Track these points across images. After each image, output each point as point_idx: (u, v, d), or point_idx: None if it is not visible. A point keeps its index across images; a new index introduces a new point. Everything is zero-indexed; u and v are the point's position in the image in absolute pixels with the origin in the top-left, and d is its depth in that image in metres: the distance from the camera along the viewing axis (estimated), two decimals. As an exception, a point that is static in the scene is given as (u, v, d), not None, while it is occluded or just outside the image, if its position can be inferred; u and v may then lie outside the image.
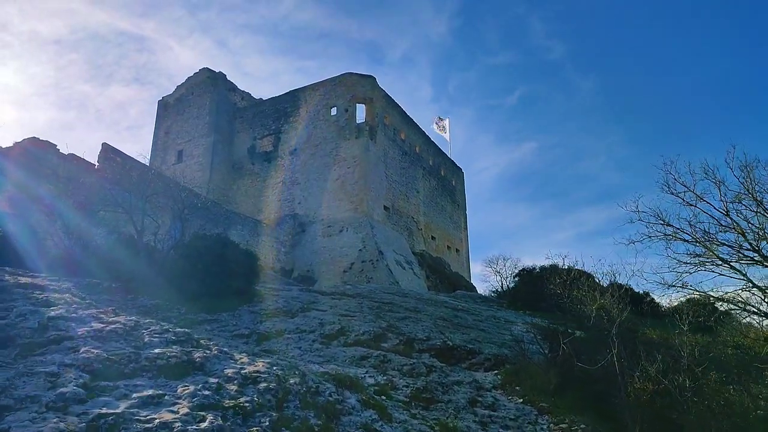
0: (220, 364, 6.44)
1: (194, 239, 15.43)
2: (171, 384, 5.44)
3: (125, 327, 6.76)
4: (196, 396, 5.12)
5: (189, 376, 5.86)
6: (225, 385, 5.74)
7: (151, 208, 16.39)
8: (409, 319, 16.98)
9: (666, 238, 13.09)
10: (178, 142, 43.16)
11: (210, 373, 6.11)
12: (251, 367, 6.59)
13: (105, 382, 5.10)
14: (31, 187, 20.50)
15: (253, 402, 5.47)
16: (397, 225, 40.52)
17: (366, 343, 12.85)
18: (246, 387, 5.87)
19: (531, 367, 11.16)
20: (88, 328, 6.30)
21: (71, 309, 6.94)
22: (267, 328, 12.97)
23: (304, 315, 14.65)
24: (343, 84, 39.97)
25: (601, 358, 9.18)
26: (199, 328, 12.25)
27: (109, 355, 5.65)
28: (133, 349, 6.03)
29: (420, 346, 13.66)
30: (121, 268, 14.85)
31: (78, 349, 5.62)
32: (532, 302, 26.74)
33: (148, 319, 8.02)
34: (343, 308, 16.60)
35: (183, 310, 13.34)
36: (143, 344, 6.37)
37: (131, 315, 10.53)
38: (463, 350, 13.93)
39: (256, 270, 16.63)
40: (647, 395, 8.67)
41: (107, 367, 5.43)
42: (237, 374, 6.11)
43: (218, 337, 11.37)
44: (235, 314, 14.16)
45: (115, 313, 8.83)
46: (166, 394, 5.06)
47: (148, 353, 5.99)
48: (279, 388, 6.10)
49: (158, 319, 12.09)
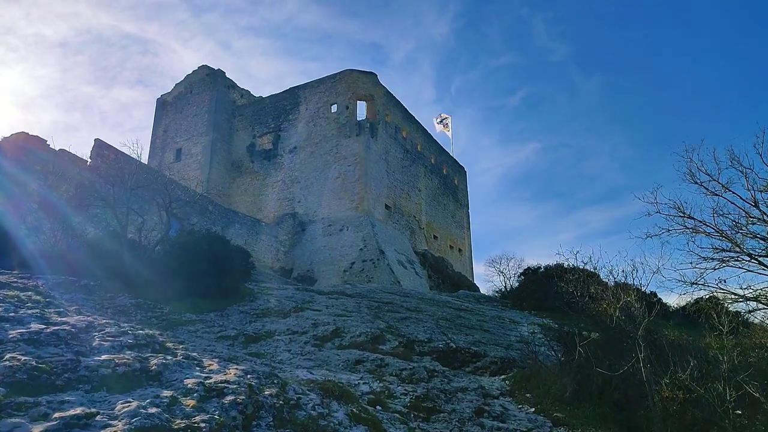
0: (182, 373, 5.37)
1: (181, 235, 14.39)
2: (111, 399, 4.37)
3: (73, 329, 5.70)
4: (137, 415, 4.05)
5: (139, 389, 4.79)
6: (181, 399, 4.66)
7: (137, 202, 15.33)
8: (410, 319, 15.89)
9: (687, 231, 11.97)
10: (177, 140, 42.17)
11: (167, 384, 5.04)
12: (219, 375, 5.52)
13: (24, 398, 4.03)
14: (20, 181, 19.56)
15: (213, 421, 4.39)
16: (398, 224, 39.42)
17: (362, 345, 11.76)
18: (208, 401, 4.79)
19: (542, 372, 10.05)
20: (24, 330, 5.23)
21: (11, 308, 5.88)
22: (256, 329, 11.89)
23: (297, 315, 13.58)
24: (343, 81, 38.92)
25: (625, 363, 8.06)
26: (182, 329, 11.20)
27: (39, 363, 4.58)
28: (74, 356, 4.96)
29: (421, 348, 12.57)
30: (104, 264, 13.82)
31: (1, 356, 4.56)
32: (537, 302, 25.61)
33: (105, 320, 6.94)
34: (340, 308, 15.53)
35: (166, 310, 12.29)
36: (89, 349, 5.30)
37: (104, 316, 9.49)
38: (467, 353, 12.83)
39: (249, 268, 15.57)
40: (677, 405, 7.55)
41: (34, 379, 4.36)
42: (199, 385, 5.03)
43: (200, 339, 10.32)
44: (224, 314, 13.10)
45: (79, 312, 7.79)
46: (99, 413, 3.99)
47: (90, 360, 4.93)
48: (249, 401, 5.02)
49: (138, 320, 11.07)
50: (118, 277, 13.39)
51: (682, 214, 11.96)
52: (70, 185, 22.10)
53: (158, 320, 11.43)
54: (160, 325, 11.10)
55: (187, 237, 14.11)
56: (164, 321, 11.46)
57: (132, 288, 12.98)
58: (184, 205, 30.36)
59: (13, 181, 19.41)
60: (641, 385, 8.08)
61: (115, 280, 13.26)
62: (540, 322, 21.06)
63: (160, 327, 11.06)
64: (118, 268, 13.65)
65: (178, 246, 13.57)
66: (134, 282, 13.23)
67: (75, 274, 13.25)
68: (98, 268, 13.75)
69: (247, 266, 15.36)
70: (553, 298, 25.80)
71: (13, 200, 17.95)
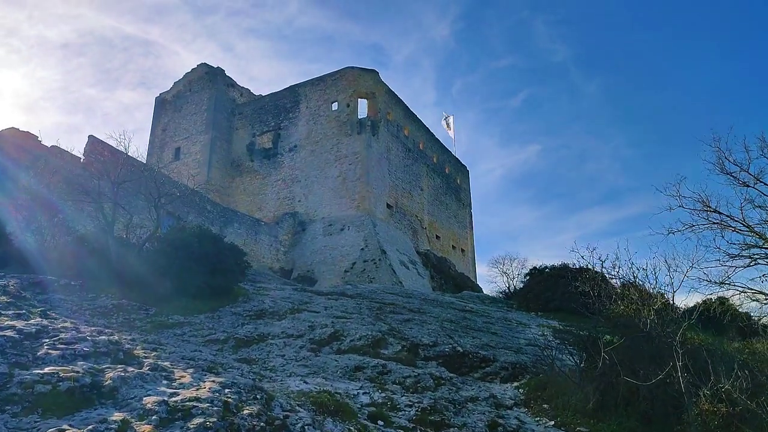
0: (143, 389, 4.43)
1: (171, 231, 13.46)
2: (41, 427, 3.43)
3: (18, 335, 4.77)
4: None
5: (84, 410, 3.85)
6: (134, 424, 3.72)
7: (126, 197, 14.42)
8: (413, 321, 14.95)
9: (713, 227, 11.01)
10: (176, 139, 41.25)
11: (122, 403, 4.10)
12: (190, 391, 4.58)
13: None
14: (10, 176, 18.71)
15: (170, 454, 3.45)
16: (400, 224, 38.45)
17: (363, 349, 10.81)
18: (169, 426, 3.85)
19: (560, 380, 9.08)
20: (-48, 337, 4.31)
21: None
22: (248, 333, 10.94)
23: (293, 317, 12.64)
24: (344, 78, 37.99)
25: (656, 371, 7.10)
26: (168, 332, 10.26)
27: (-43, 379, 3.66)
28: (8, 368, 4.03)
29: (426, 352, 11.61)
30: (88, 263, 12.91)
31: None
32: (543, 303, 24.64)
33: (66, 323, 6.00)
34: (340, 309, 14.59)
35: (152, 311, 11.36)
36: (32, 360, 4.37)
37: (77, 319, 8.57)
38: (475, 357, 11.86)
39: (243, 267, 14.64)
40: (719, 420, 6.59)
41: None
42: (161, 404, 4.09)
43: (186, 344, 9.38)
44: (215, 316, 12.17)
45: (45, 315, 6.86)
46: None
47: (27, 375, 3.99)
48: (222, 425, 4.08)
49: (119, 323, 10.12)
50: (103, 276, 12.49)
51: (707, 209, 11.01)
52: (60, 180, 21.24)
53: (142, 323, 10.51)
54: (143, 328, 10.19)
55: (177, 233, 13.18)
56: (148, 323, 10.53)
57: (118, 288, 12.06)
58: (181, 203, 29.53)
59: (3, 175, 18.56)
60: (675, 396, 7.12)
61: (100, 280, 12.36)
62: (548, 324, 20.09)
63: (143, 330, 10.15)
64: (104, 267, 12.75)
65: (167, 243, 12.65)
66: (120, 281, 12.32)
67: (58, 272, 12.36)
68: (83, 267, 12.85)
69: (241, 265, 14.42)
70: (560, 299, 24.85)
71: (2, 195, 17.10)
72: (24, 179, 19.23)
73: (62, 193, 20.49)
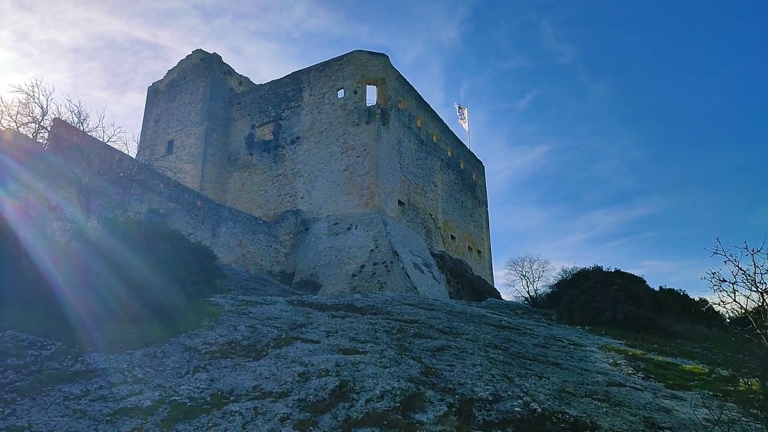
0: None
1: (107, 223, 9.00)
2: None
3: None
4: None
5: None
6: None
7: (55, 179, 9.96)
8: (449, 350, 10.41)
9: None
10: (168, 131, 36.90)
11: None
12: None
13: None
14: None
15: None
16: (413, 222, 33.90)
17: (387, 417, 6.29)
18: None
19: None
20: None
21: None
22: (196, 390, 6.42)
23: (278, 353, 8.13)
24: (351, 63, 33.51)
25: None
26: (54, 394, 5.79)
27: None
28: None
29: (485, 415, 7.06)
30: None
31: None
32: (592, 315, 20.00)
33: None
34: (348, 335, 10.08)
35: (52, 350, 6.89)
36: None
37: None
38: (561, 422, 7.27)
39: (213, 274, 10.16)
40: None
41: None
42: None
43: (61, 423, 4.92)
44: (157, 353, 7.67)
45: None
46: None
47: None
48: None
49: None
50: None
51: None
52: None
53: (17, 374, 6.05)
54: (13, 385, 5.75)
55: (114, 226, 8.72)
56: (30, 376, 6.07)
57: (6, 310, 7.63)
58: (167, 199, 25.13)
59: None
60: None
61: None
62: (611, 346, 15.47)
63: (12, 389, 5.73)
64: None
65: (90, 244, 8.17)
66: (15, 299, 7.88)
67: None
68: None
69: (210, 272, 9.96)
70: (612, 309, 20.22)
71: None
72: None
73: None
